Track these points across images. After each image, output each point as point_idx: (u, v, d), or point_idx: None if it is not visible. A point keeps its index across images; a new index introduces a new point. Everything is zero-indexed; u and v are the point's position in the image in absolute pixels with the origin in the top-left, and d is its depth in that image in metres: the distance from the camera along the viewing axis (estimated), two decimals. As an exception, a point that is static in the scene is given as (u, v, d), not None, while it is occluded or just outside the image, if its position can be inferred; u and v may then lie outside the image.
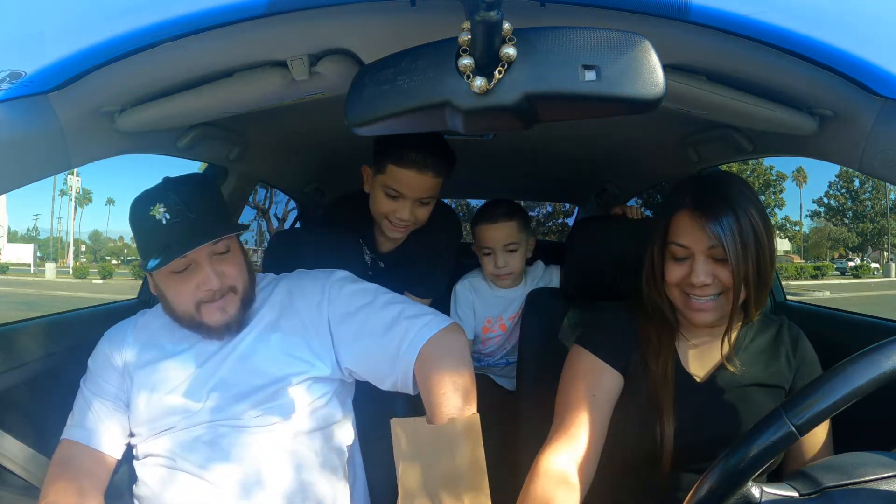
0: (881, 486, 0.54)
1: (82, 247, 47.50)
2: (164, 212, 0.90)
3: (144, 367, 0.97)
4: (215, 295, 0.94)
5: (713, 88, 0.84)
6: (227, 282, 0.95)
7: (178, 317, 0.97)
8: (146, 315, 1.06)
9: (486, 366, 1.64)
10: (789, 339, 0.97)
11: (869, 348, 0.55)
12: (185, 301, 0.94)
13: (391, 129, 0.62)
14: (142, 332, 1.03)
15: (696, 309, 0.90)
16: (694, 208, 0.88)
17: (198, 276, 0.93)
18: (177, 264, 0.91)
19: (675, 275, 0.90)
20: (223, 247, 0.96)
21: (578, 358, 0.97)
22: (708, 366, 0.95)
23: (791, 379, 0.94)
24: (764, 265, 0.86)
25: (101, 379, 0.99)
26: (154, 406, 0.94)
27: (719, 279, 0.87)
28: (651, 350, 0.94)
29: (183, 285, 0.94)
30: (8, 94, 0.73)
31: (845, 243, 39.08)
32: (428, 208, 1.35)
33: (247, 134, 1.43)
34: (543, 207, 9.13)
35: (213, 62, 0.82)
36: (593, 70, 0.53)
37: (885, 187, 33.60)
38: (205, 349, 0.98)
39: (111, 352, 1.00)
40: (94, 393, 0.98)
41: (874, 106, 0.78)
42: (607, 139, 1.62)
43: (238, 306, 0.97)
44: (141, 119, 0.91)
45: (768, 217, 0.89)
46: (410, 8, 0.68)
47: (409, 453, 0.79)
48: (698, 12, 0.71)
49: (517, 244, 1.47)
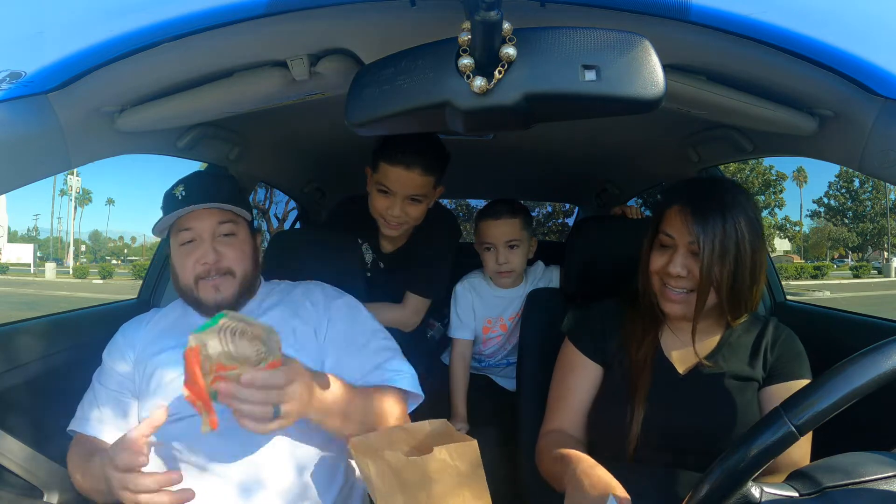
0: (881, 486, 0.54)
1: (82, 247, 47.55)
2: (182, 190, 1.00)
3: (155, 357, 0.99)
4: (211, 271, 0.98)
5: (713, 88, 0.85)
6: (224, 262, 0.99)
7: (182, 291, 1.02)
8: (161, 311, 1.10)
9: (487, 366, 1.64)
10: (771, 337, 0.98)
11: (869, 348, 0.55)
12: (187, 274, 1.00)
13: (391, 129, 0.63)
14: (156, 326, 1.06)
15: (669, 299, 0.94)
16: (686, 204, 0.92)
17: (199, 250, 0.99)
18: (183, 235, 0.99)
19: (657, 263, 0.95)
20: (228, 229, 1.01)
21: (563, 351, 1.07)
22: (690, 360, 0.97)
23: (765, 373, 0.96)
24: (741, 275, 0.89)
25: (114, 371, 1.01)
26: (163, 395, 0.95)
27: (694, 275, 0.91)
28: (634, 337, 0.99)
29: (186, 258, 0.99)
30: (8, 94, 0.73)
31: (845, 243, 39.08)
32: (420, 207, 1.36)
33: (247, 134, 1.43)
34: (543, 207, 9.13)
35: (213, 62, 0.82)
36: (593, 70, 0.53)
37: (885, 187, 33.62)
38: None
39: (125, 345, 1.03)
40: (105, 386, 1.00)
41: (874, 106, 0.78)
42: (607, 139, 1.61)
43: (233, 290, 1.00)
44: (141, 119, 0.91)
45: (759, 231, 0.91)
46: (410, 8, 0.68)
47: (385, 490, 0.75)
48: (698, 12, 0.71)
49: (518, 241, 1.47)
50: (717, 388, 0.94)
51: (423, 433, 0.85)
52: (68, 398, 1.03)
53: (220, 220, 1.00)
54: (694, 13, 0.71)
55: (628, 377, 0.96)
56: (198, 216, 0.99)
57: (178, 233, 1.00)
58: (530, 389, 1.20)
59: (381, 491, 0.73)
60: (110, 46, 0.76)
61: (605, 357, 1.01)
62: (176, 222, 1.00)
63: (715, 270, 0.88)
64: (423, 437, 0.85)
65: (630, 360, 0.97)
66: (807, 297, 18.87)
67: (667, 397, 0.93)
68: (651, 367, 0.96)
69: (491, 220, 1.48)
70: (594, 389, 1.01)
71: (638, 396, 0.93)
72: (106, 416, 0.99)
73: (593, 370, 1.02)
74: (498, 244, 1.47)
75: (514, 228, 1.46)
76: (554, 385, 1.06)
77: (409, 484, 0.73)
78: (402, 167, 1.28)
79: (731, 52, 0.76)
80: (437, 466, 0.74)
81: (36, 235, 49.93)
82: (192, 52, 0.79)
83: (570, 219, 4.69)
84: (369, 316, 1.09)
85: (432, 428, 0.85)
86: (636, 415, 0.92)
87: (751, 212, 0.91)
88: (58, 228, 47.16)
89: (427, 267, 1.48)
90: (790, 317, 1.44)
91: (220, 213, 1.00)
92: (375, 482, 0.73)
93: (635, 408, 0.92)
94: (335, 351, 1.01)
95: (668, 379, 0.96)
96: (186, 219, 0.99)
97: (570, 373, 1.03)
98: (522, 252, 1.49)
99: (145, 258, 41.83)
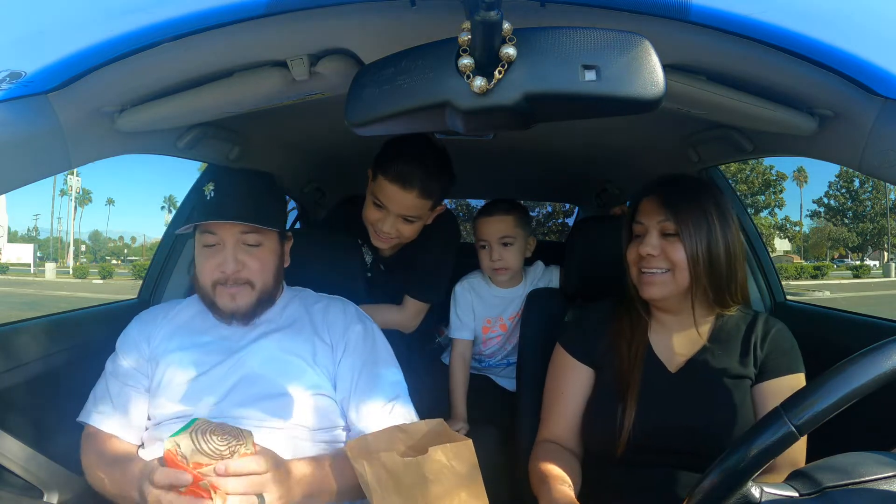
0: (881, 486, 0.54)
1: (82, 247, 47.52)
2: (212, 189, 0.97)
3: (170, 353, 0.99)
4: (229, 280, 0.97)
5: (713, 88, 0.84)
6: (244, 273, 0.98)
7: (201, 291, 1.02)
8: (180, 304, 1.09)
9: (487, 367, 1.64)
10: (761, 332, 0.98)
11: (869, 348, 0.55)
12: (206, 276, 0.99)
13: (391, 130, 0.62)
14: (173, 319, 1.05)
15: (646, 282, 0.96)
16: (654, 193, 0.96)
17: (220, 256, 0.98)
18: (208, 238, 0.98)
19: (633, 254, 0.98)
20: (253, 240, 0.99)
21: (553, 356, 1.08)
22: (680, 356, 0.98)
23: (756, 370, 0.96)
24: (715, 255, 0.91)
25: (128, 364, 1.00)
26: (174, 392, 0.95)
27: (667, 254, 0.93)
28: (623, 336, 1.00)
29: (208, 260, 0.99)
30: (8, 94, 0.73)
31: (845, 243, 39.07)
32: (413, 226, 1.32)
33: (247, 134, 1.43)
34: (543, 207, 9.13)
35: (213, 62, 0.82)
36: (593, 70, 0.53)
37: (885, 187, 33.61)
38: (231, 345, 1.00)
39: (139, 335, 1.02)
40: (117, 378, 0.99)
41: (874, 106, 0.78)
42: (607, 139, 1.61)
43: (250, 301, 0.99)
44: (141, 119, 0.91)
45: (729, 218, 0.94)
46: (410, 8, 0.68)
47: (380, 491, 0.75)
48: (698, 12, 0.71)
49: (513, 238, 1.48)
50: (709, 384, 0.94)
51: (420, 433, 0.85)
52: (68, 398, 1.03)
53: (245, 230, 0.98)
54: (694, 13, 0.71)
55: (619, 377, 0.96)
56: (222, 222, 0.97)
57: (203, 234, 0.99)
58: (530, 390, 1.20)
59: (376, 493, 0.73)
60: (110, 46, 0.75)
61: (595, 359, 1.02)
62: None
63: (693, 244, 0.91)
64: (420, 438, 0.85)
65: (619, 359, 0.98)
66: (807, 297, 18.87)
67: (658, 395, 0.94)
68: (641, 365, 0.96)
69: (485, 218, 1.50)
70: (586, 393, 1.01)
71: (629, 395, 0.93)
72: (117, 409, 0.97)
73: (584, 373, 1.02)
74: (492, 241, 1.48)
75: (507, 225, 1.48)
76: (546, 391, 1.06)
77: (405, 485, 0.73)
78: (398, 185, 1.22)
79: (731, 52, 0.76)
80: (433, 467, 0.74)
81: (36, 235, 49.96)
82: (192, 52, 0.78)
83: (570, 219, 4.69)
84: (385, 346, 1.07)
85: (429, 428, 0.85)
86: (628, 414, 0.92)
87: (724, 208, 0.94)
88: (58, 228, 47.22)
89: (426, 271, 1.47)
90: (790, 317, 1.44)
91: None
92: (371, 484, 0.73)
93: (627, 407, 0.92)
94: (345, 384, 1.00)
95: (658, 377, 0.96)
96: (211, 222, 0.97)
97: (560, 377, 1.04)
98: (517, 249, 1.49)
99: (145, 258, 41.88)
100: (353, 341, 1.03)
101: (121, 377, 1.00)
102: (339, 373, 1.01)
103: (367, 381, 0.99)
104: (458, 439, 0.77)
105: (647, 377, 0.95)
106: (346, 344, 1.03)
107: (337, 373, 1.01)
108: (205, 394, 0.95)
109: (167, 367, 0.98)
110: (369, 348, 1.04)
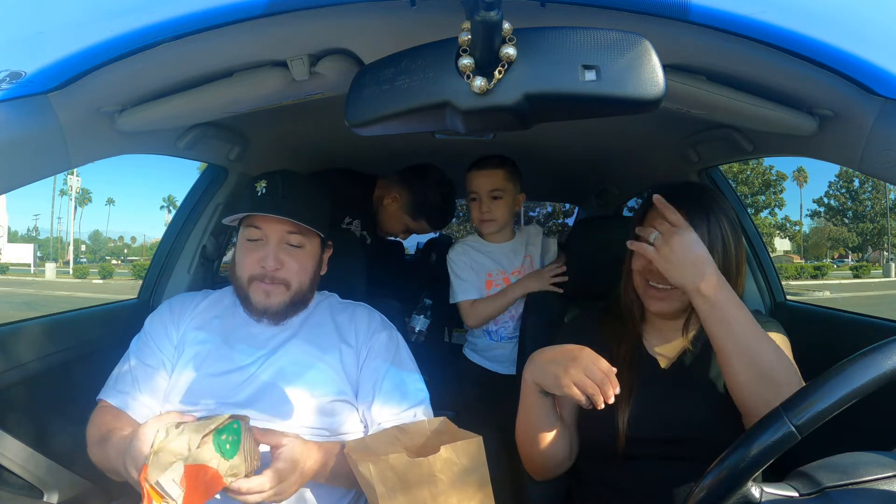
0: (881, 486, 0.54)
1: (82, 247, 47.53)
2: (264, 186, 0.98)
3: (198, 344, 0.99)
4: (266, 277, 0.98)
5: (713, 88, 0.85)
6: (282, 272, 0.99)
7: (236, 282, 1.02)
8: (213, 295, 1.09)
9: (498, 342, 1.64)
10: None
11: (869, 348, 0.55)
12: (244, 269, 1.00)
13: (391, 130, 0.62)
14: (204, 311, 1.05)
15: (653, 297, 0.94)
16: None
17: (261, 251, 0.98)
18: (252, 232, 0.99)
19: (640, 262, 0.95)
20: (296, 241, 1.00)
21: None
22: (672, 353, 0.98)
23: None
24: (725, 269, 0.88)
25: (154, 343, 1.00)
26: (195, 384, 0.95)
27: None
28: (614, 336, 0.99)
29: (249, 254, 1.00)
30: (8, 94, 0.73)
31: (845, 243, 39.07)
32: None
33: (247, 134, 1.43)
34: (543, 207, 9.14)
35: (213, 62, 0.82)
36: (593, 70, 0.53)
37: (885, 187, 33.61)
38: (259, 344, 1.00)
39: (170, 320, 1.03)
40: (141, 360, 0.99)
41: (874, 106, 0.78)
42: (607, 139, 1.62)
43: (283, 301, 1.00)
44: (141, 119, 0.91)
45: (738, 231, 0.93)
46: (410, 8, 0.68)
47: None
48: (698, 12, 0.71)
49: (502, 192, 1.52)
50: (702, 380, 0.94)
51: (422, 433, 0.85)
52: (68, 398, 1.03)
53: (290, 229, 0.99)
54: (694, 13, 0.71)
55: None
56: (269, 218, 0.98)
57: (248, 228, 1.00)
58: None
59: (381, 493, 0.73)
60: (110, 46, 0.75)
61: None
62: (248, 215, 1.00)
63: None
64: (422, 437, 0.84)
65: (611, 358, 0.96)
66: (807, 297, 18.86)
67: (652, 392, 0.94)
68: (633, 363, 0.96)
69: (476, 171, 1.54)
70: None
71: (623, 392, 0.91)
72: (139, 390, 0.96)
73: None
74: (482, 193, 1.52)
75: (497, 179, 1.51)
76: None
77: (411, 484, 0.73)
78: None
79: (731, 52, 0.76)
80: (442, 465, 0.74)
81: (36, 235, 49.93)
82: (192, 52, 0.78)
83: (570, 219, 4.70)
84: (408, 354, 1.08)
85: (433, 427, 0.85)
86: (622, 411, 0.92)
87: (730, 212, 0.93)
88: (58, 228, 47.20)
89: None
90: (790, 317, 1.44)
91: (292, 223, 0.98)
92: (376, 485, 0.73)
93: (621, 404, 0.92)
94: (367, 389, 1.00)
95: (652, 374, 0.97)
96: (258, 216, 0.98)
97: None
98: (506, 203, 1.53)
99: (145, 258, 41.82)
100: (376, 347, 1.03)
101: (145, 360, 0.99)
102: (362, 377, 1.01)
103: (389, 386, 0.99)
104: (465, 436, 0.77)
105: (640, 375, 0.95)
106: (369, 349, 1.03)
107: (360, 378, 1.01)
108: (228, 390, 0.95)
109: (192, 358, 0.97)
110: (392, 355, 1.04)
